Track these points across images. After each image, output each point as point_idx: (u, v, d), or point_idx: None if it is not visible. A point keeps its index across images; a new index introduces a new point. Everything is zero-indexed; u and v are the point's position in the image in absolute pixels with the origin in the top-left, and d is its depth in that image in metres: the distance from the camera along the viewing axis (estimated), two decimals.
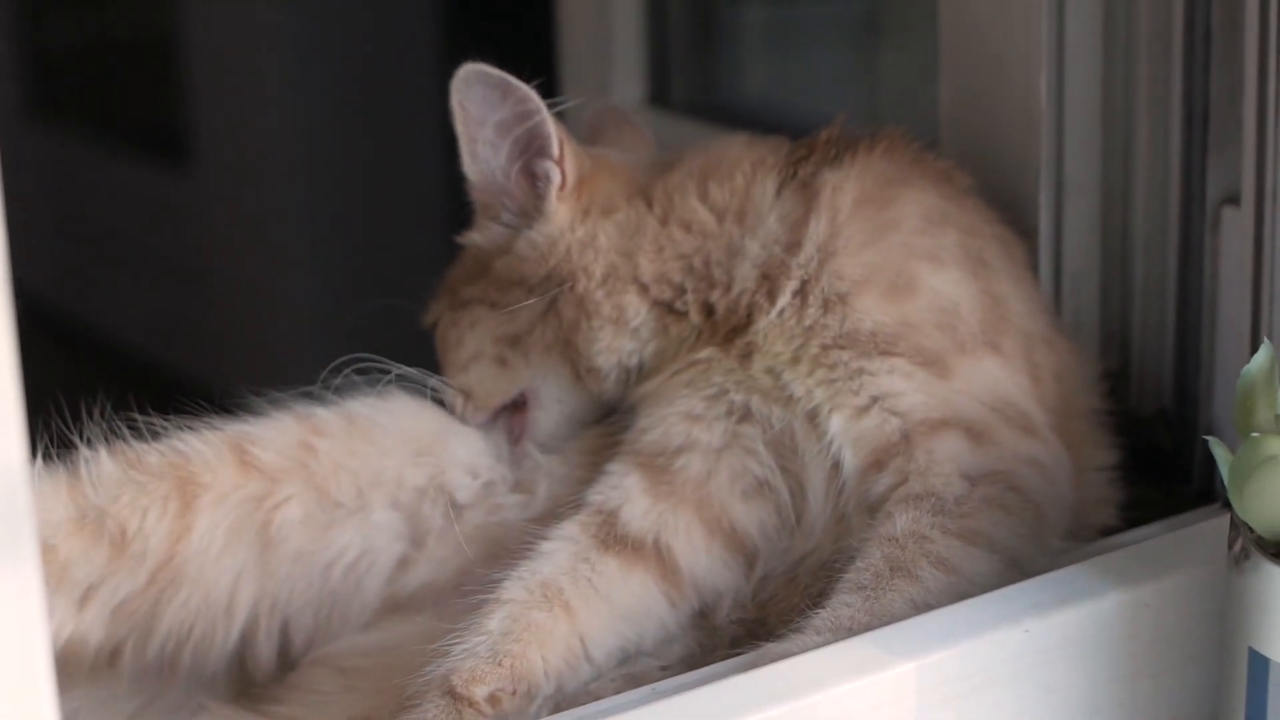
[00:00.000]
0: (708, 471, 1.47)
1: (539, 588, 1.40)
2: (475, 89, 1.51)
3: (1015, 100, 1.66)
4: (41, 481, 1.46)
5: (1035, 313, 1.54)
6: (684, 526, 1.46)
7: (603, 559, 1.43)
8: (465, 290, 1.59)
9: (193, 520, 1.46)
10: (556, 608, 1.39)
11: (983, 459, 1.41)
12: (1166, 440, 1.67)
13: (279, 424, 1.52)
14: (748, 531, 1.47)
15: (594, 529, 1.45)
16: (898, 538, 1.36)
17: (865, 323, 1.45)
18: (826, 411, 1.45)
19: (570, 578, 1.42)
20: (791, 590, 1.46)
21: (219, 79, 3.89)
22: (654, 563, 1.44)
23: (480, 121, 1.53)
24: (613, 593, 1.42)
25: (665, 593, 1.45)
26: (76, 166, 4.43)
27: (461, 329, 1.58)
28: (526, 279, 1.55)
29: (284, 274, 3.83)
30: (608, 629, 1.41)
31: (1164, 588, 1.39)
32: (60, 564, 1.44)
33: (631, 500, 1.46)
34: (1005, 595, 1.36)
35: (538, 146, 1.54)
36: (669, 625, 1.45)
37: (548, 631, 1.38)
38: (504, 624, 1.38)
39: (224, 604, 1.48)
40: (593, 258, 1.54)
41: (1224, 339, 1.62)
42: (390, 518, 1.52)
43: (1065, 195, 1.67)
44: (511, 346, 1.56)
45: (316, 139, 3.69)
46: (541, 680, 1.36)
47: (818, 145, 1.56)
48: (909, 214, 1.50)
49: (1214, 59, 1.59)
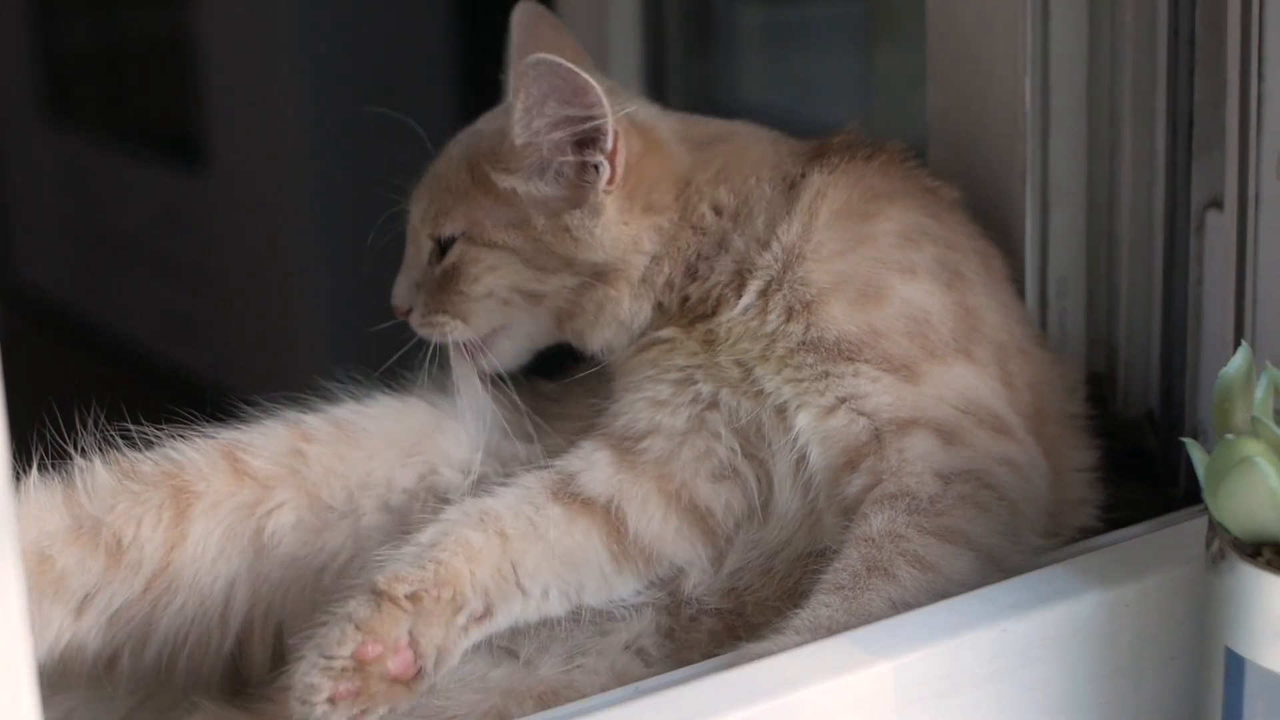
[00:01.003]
0: (670, 451, 1.51)
1: (477, 513, 1.45)
2: (544, 80, 1.49)
3: (1000, 106, 1.68)
4: (38, 492, 1.48)
5: (1011, 324, 1.55)
6: (641, 495, 1.50)
7: (549, 505, 1.48)
8: (498, 234, 1.57)
9: (187, 528, 1.49)
10: (491, 532, 1.44)
11: (955, 458, 1.43)
12: (1153, 442, 1.68)
13: (270, 431, 1.54)
14: (710, 509, 1.50)
15: (549, 482, 1.50)
16: (874, 538, 1.38)
17: (830, 331, 1.47)
18: (794, 408, 1.48)
19: (511, 512, 1.46)
20: (767, 581, 1.48)
21: (233, 82, 3.90)
22: (600, 518, 1.48)
23: (539, 109, 1.51)
24: (550, 532, 1.46)
25: (608, 547, 1.48)
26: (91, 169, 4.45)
27: (481, 268, 1.58)
28: (573, 260, 1.56)
29: (297, 276, 3.84)
30: (540, 563, 1.45)
31: (1144, 588, 1.40)
32: (57, 573, 1.47)
33: (594, 468, 1.50)
34: (984, 595, 1.37)
35: (594, 140, 1.53)
36: (613, 582, 1.48)
37: (477, 549, 1.42)
38: (434, 536, 1.43)
39: (219, 610, 1.51)
40: (635, 261, 1.56)
41: (1209, 341, 1.64)
42: (381, 520, 1.54)
43: (1050, 200, 1.68)
44: (524, 297, 1.58)
45: (330, 142, 3.70)
46: (469, 590, 1.40)
47: (831, 149, 1.58)
48: (888, 229, 1.52)
49: (1198, 64, 1.61)
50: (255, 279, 3.95)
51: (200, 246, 4.10)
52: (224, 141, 3.98)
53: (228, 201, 4.00)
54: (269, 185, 3.86)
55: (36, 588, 1.46)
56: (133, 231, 4.35)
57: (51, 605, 1.47)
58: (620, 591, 1.49)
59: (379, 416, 1.58)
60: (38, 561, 1.46)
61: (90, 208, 4.49)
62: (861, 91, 2.14)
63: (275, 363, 3.85)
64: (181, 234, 4.17)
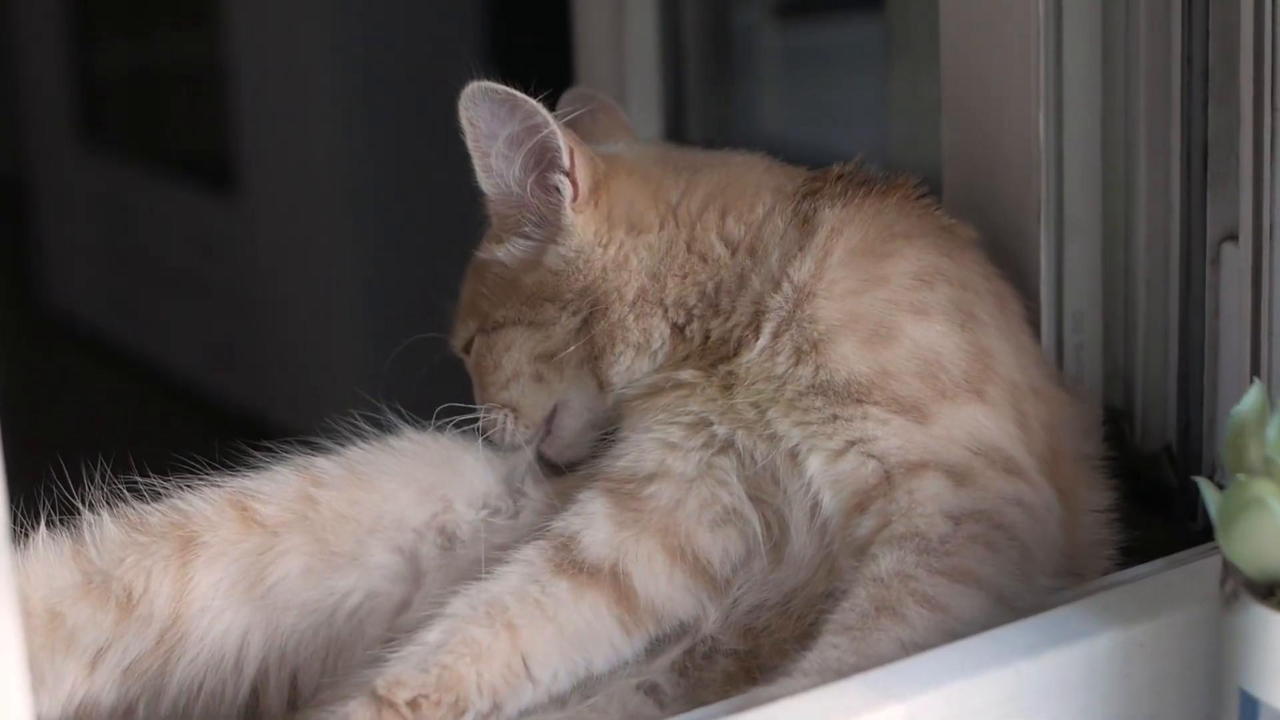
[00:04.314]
0: (677, 501, 1.50)
1: (483, 605, 1.44)
2: (483, 105, 1.52)
3: (1014, 140, 1.67)
4: (46, 548, 1.49)
5: (1026, 364, 1.54)
6: (645, 554, 1.48)
7: (554, 581, 1.46)
8: (497, 313, 1.60)
9: (196, 578, 1.49)
10: (499, 625, 1.42)
11: (966, 499, 1.42)
12: (1171, 478, 1.67)
13: (279, 477, 1.55)
14: (710, 560, 1.49)
15: (550, 553, 1.48)
16: (882, 577, 1.37)
17: (840, 373, 1.47)
18: (805, 452, 1.47)
19: (517, 597, 1.44)
20: (785, 622, 1.48)
21: (266, 108, 3.92)
22: (609, 587, 1.47)
23: (490, 136, 1.54)
24: (560, 613, 1.45)
25: (618, 618, 1.47)
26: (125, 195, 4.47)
27: (498, 352, 1.60)
28: (560, 294, 1.57)
29: (330, 302, 3.85)
30: (552, 649, 1.44)
31: (1159, 628, 1.38)
32: (68, 630, 1.48)
33: (594, 526, 1.49)
34: (996, 636, 1.36)
35: (549, 159, 1.55)
36: (622, 650, 1.47)
37: (485, 647, 1.41)
38: (441, 636, 1.42)
39: (233, 659, 1.51)
40: (626, 279, 1.56)
41: (1226, 374, 1.63)
42: (390, 560, 1.54)
43: (1066, 234, 1.68)
44: (547, 363, 1.59)
45: (362, 168, 3.72)
46: (474, 694, 1.39)
47: (829, 180, 1.57)
48: (903, 271, 1.51)
49: (1211, 96, 1.60)
50: (289, 304, 3.97)
51: (234, 272, 4.12)
52: (258, 167, 4.00)
53: (262, 227, 4.01)
54: (303, 211, 3.88)
55: (48, 645, 1.46)
56: (167, 257, 4.36)
57: (64, 662, 1.47)
58: (628, 655, 1.48)
59: (399, 453, 1.58)
60: (48, 619, 1.47)
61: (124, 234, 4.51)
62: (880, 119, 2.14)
63: (310, 387, 3.86)
64: (216, 260, 4.18)
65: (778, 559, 1.49)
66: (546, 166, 1.55)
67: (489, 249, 1.61)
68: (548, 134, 1.53)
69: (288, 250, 3.95)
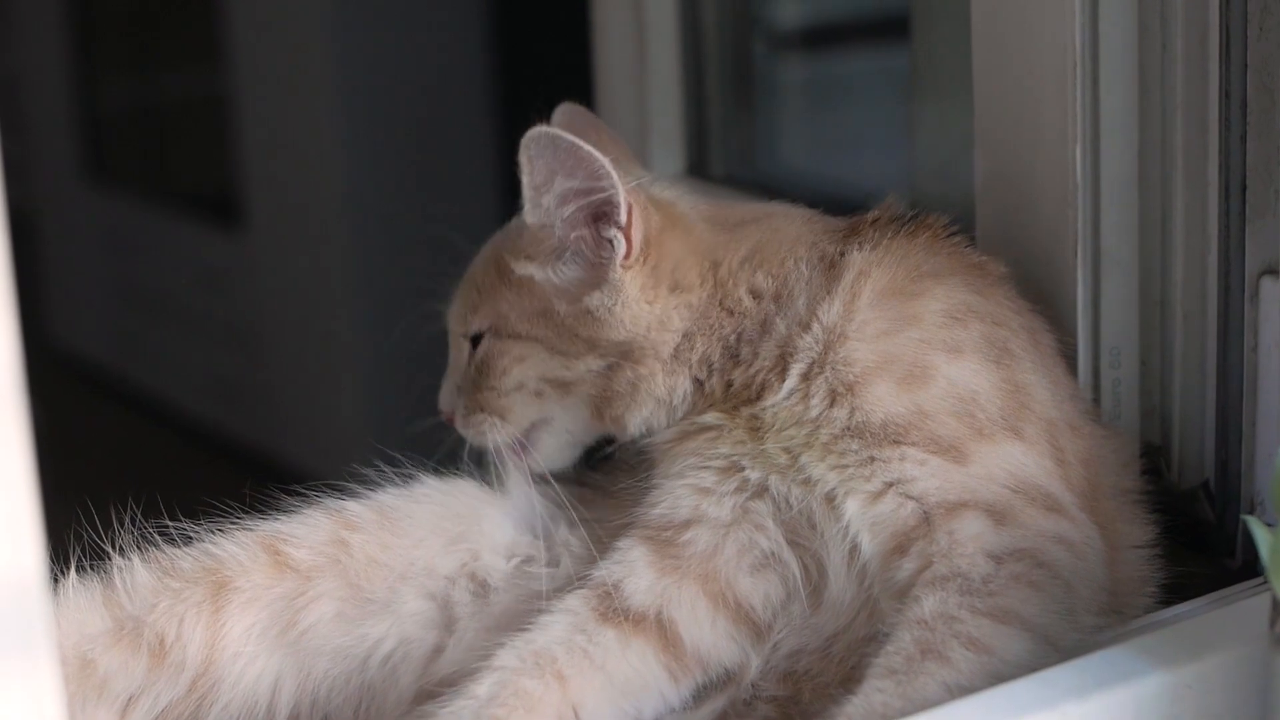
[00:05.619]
0: (715, 546, 1.48)
1: (532, 656, 1.42)
2: (546, 152, 1.50)
3: (1050, 174, 1.65)
4: (76, 594, 1.47)
5: (1061, 400, 1.53)
6: (689, 600, 1.47)
7: (600, 630, 1.44)
8: (520, 325, 1.58)
9: (228, 623, 1.48)
10: (549, 676, 1.41)
11: (1007, 538, 1.40)
12: (1209, 514, 1.65)
13: (311, 520, 1.53)
14: (752, 605, 1.48)
15: (594, 602, 1.47)
16: (926, 620, 1.35)
17: (876, 414, 1.45)
18: (842, 495, 1.45)
19: (565, 647, 1.43)
20: (826, 665, 1.46)
21: (272, 143, 3.91)
22: (654, 635, 1.46)
23: (547, 182, 1.51)
24: (608, 662, 1.43)
25: (666, 665, 1.45)
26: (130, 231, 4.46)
27: (509, 360, 1.58)
28: (597, 341, 1.55)
29: (337, 337, 3.84)
30: (602, 699, 1.42)
31: (1207, 668, 1.37)
32: (100, 677, 1.46)
33: (635, 574, 1.47)
34: (1043, 678, 1.33)
35: (606, 212, 1.53)
36: (670, 698, 1.46)
37: (537, 699, 1.39)
38: (492, 689, 1.40)
39: (265, 704, 1.49)
40: (665, 340, 1.54)
41: (1265, 410, 1.60)
42: (423, 607, 1.53)
43: (1103, 268, 1.65)
44: (554, 387, 1.58)
45: (369, 203, 3.70)
46: None
47: (864, 227, 1.56)
48: (934, 309, 1.50)
49: (1249, 128, 1.58)
50: (295, 340, 3.95)
51: (240, 308, 4.10)
52: (263, 203, 3.99)
53: (267, 263, 3.99)
54: (309, 246, 3.86)
55: (80, 692, 1.44)
56: (172, 293, 4.35)
57: (96, 709, 1.45)
58: (675, 703, 1.46)
59: (424, 501, 1.56)
60: (80, 666, 1.45)
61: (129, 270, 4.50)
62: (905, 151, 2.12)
63: (316, 424, 3.84)
64: (221, 295, 4.17)
65: (817, 603, 1.47)
66: (601, 219, 1.53)
67: (524, 265, 1.57)
68: (612, 194, 1.51)
69: (294, 286, 3.93)
